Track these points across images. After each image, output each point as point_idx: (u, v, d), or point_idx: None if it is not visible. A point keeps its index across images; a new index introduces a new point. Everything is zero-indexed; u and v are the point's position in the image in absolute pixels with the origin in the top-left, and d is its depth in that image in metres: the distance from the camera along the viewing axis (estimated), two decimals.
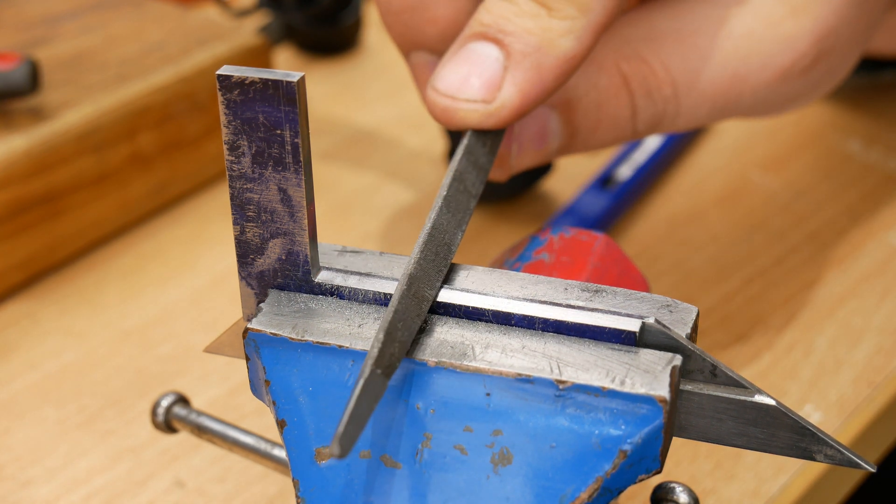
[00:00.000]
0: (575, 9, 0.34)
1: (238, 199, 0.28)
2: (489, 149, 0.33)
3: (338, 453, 0.23)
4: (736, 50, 0.38)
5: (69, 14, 0.58)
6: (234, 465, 0.40)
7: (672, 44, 0.38)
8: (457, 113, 0.33)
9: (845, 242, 0.50)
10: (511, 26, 0.34)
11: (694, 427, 0.27)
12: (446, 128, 0.35)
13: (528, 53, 0.33)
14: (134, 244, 0.52)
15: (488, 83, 0.33)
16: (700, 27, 0.38)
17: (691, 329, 0.28)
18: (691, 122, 0.39)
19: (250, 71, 0.27)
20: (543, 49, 0.33)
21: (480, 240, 0.51)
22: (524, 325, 0.28)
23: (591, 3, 0.34)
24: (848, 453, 0.26)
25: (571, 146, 0.39)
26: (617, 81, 0.37)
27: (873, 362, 0.43)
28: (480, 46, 0.34)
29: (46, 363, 0.45)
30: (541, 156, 0.39)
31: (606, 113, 0.38)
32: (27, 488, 0.39)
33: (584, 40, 0.34)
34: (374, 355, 0.25)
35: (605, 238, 0.34)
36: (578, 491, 0.26)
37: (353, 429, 0.24)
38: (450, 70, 0.34)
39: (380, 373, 0.25)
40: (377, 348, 0.25)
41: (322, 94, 0.64)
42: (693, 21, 0.38)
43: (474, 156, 0.33)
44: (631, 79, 0.37)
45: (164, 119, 0.52)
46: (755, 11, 0.38)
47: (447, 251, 0.29)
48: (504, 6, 0.34)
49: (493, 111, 0.33)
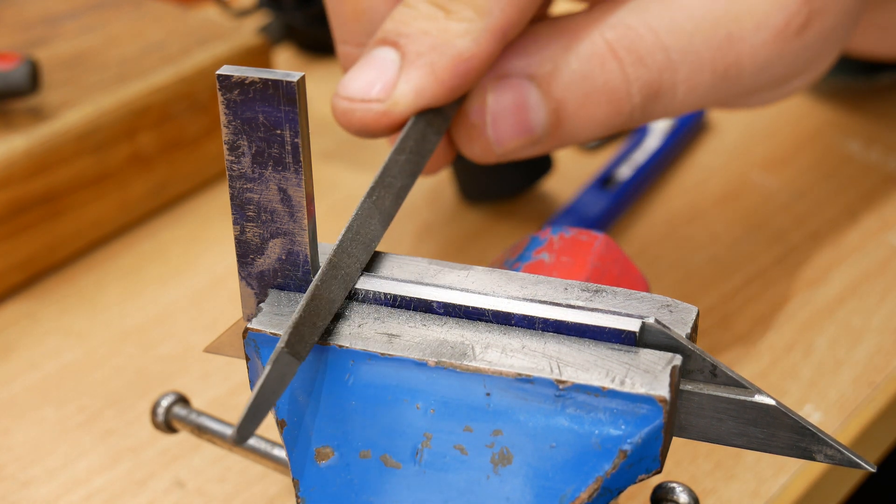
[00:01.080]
0: (473, 12, 0.35)
1: (238, 199, 0.28)
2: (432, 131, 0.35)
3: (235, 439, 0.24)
4: (727, 11, 0.37)
5: (69, 14, 0.58)
6: (234, 465, 0.40)
7: (657, 7, 0.37)
8: (354, 114, 0.35)
9: (845, 242, 0.50)
10: (408, 29, 0.35)
11: (694, 427, 0.27)
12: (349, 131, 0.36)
13: (422, 53, 0.35)
14: (134, 244, 0.52)
15: (385, 84, 0.35)
16: None
17: (691, 329, 0.28)
18: (693, 94, 0.38)
19: (250, 71, 0.27)
20: (438, 49, 0.35)
21: (480, 240, 0.51)
22: (524, 325, 0.28)
23: (490, 7, 0.35)
24: (848, 453, 0.26)
25: (561, 127, 0.38)
26: (601, 49, 0.37)
27: (873, 362, 0.43)
28: (381, 52, 0.35)
29: (46, 363, 0.45)
30: (528, 140, 0.38)
31: (595, 84, 0.37)
32: (27, 488, 0.39)
33: (482, 42, 0.35)
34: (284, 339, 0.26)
35: (605, 238, 0.34)
36: (578, 491, 0.26)
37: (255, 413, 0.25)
38: (353, 75, 0.35)
39: (287, 351, 0.26)
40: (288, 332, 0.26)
41: (322, 94, 0.63)
42: None
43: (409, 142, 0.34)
44: (616, 45, 0.37)
45: (164, 119, 0.52)
46: None
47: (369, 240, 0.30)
48: (404, 11, 0.35)
49: (386, 109, 0.34)
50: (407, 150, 0.33)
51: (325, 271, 0.28)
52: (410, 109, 0.35)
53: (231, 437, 0.24)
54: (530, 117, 0.37)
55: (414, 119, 0.35)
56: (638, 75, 0.37)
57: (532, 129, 0.37)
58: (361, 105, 0.35)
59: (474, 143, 0.38)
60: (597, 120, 0.38)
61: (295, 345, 0.26)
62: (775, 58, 0.38)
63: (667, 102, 0.38)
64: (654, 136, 0.55)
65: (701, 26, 0.37)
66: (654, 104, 0.38)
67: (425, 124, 0.35)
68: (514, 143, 0.38)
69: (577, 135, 0.38)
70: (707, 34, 0.37)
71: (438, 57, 0.34)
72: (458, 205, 0.54)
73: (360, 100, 0.35)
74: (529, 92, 0.37)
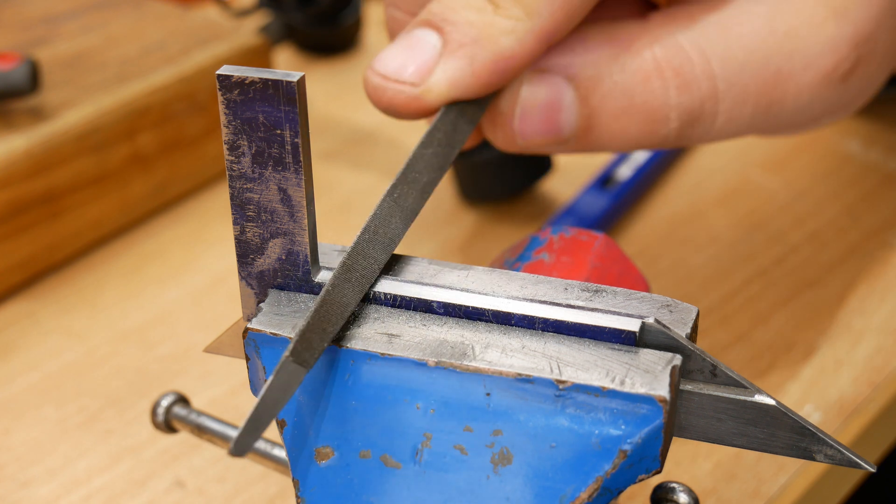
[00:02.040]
0: (521, 10, 0.34)
1: (238, 199, 0.28)
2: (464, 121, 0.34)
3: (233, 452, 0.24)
4: (780, 46, 0.36)
5: (69, 14, 0.58)
6: (234, 465, 0.40)
7: (715, 33, 0.36)
8: (385, 93, 0.34)
9: (845, 242, 0.50)
10: (455, 16, 0.34)
11: (694, 427, 0.27)
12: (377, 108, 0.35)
13: (464, 44, 0.34)
14: (134, 244, 0.52)
15: (421, 68, 0.34)
16: (744, 20, 0.36)
17: (691, 329, 0.27)
18: (731, 124, 0.37)
19: (250, 71, 0.27)
20: (481, 43, 0.34)
21: (480, 240, 0.51)
22: (524, 325, 0.28)
23: (539, 8, 0.34)
24: (848, 453, 0.26)
25: (589, 134, 0.37)
26: (648, 66, 0.36)
27: (873, 362, 0.43)
28: (423, 33, 0.34)
29: (46, 363, 0.45)
30: (553, 139, 0.37)
31: (634, 100, 0.36)
32: (27, 488, 0.39)
33: (526, 43, 0.34)
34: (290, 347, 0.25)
35: (604, 238, 0.34)
36: (578, 491, 0.26)
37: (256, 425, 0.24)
38: (390, 53, 0.35)
39: (292, 360, 0.25)
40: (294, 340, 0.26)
41: (322, 94, 0.64)
42: (737, 14, 0.36)
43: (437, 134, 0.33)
44: (664, 65, 0.36)
45: (164, 119, 0.52)
46: (797, 11, 0.37)
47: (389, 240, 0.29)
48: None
49: (419, 94, 0.34)
50: (434, 143, 0.32)
51: (338, 274, 0.27)
52: (442, 99, 0.34)
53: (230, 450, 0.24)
54: (561, 118, 0.36)
55: (445, 109, 0.34)
56: (680, 100, 0.36)
57: (560, 130, 0.37)
58: (394, 85, 0.34)
59: (498, 130, 0.37)
60: (628, 136, 0.37)
61: (302, 353, 0.25)
62: (817, 99, 0.38)
63: (702, 131, 0.37)
64: None
65: (752, 59, 0.36)
66: (690, 130, 0.37)
67: (457, 115, 0.34)
68: (539, 140, 0.37)
69: (605, 145, 0.37)
70: (757, 68, 0.36)
71: (480, 51, 0.34)
72: (458, 205, 0.54)
73: (394, 79, 0.34)
74: (565, 92, 0.36)
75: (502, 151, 0.38)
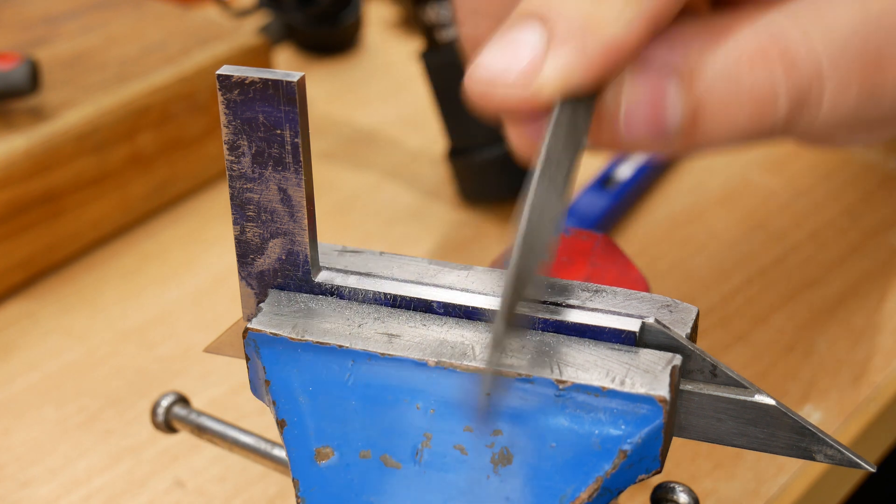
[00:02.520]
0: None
1: (238, 198, 0.28)
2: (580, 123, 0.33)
3: None
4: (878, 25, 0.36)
5: (69, 14, 0.58)
6: (234, 465, 0.40)
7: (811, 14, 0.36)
8: (494, 97, 0.33)
9: (845, 242, 0.50)
10: (559, 6, 0.33)
11: (694, 427, 0.27)
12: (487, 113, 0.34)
13: (574, 34, 0.32)
14: (134, 244, 0.52)
15: (529, 66, 0.32)
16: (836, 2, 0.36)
17: (691, 329, 0.27)
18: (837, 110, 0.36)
19: (250, 71, 0.27)
20: (590, 31, 0.33)
21: (480, 240, 0.51)
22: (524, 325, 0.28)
23: None
24: (848, 453, 0.26)
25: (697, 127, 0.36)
26: (752, 49, 0.35)
27: (873, 362, 0.43)
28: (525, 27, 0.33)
29: (46, 363, 0.45)
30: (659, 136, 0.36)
31: (741, 86, 0.35)
32: (27, 488, 0.39)
33: (634, 30, 0.33)
34: None
35: (604, 238, 0.34)
36: (578, 491, 0.26)
37: None
38: (491, 52, 0.33)
39: None
40: None
41: (322, 94, 0.64)
42: None
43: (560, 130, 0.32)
44: (769, 48, 0.35)
45: (164, 119, 0.52)
46: None
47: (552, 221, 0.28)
48: None
49: (532, 92, 0.32)
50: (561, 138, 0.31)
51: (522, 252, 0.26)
52: (556, 94, 0.32)
53: None
54: (666, 112, 0.35)
55: (560, 107, 0.32)
56: (787, 82, 0.35)
57: (665, 125, 0.36)
58: (503, 87, 0.32)
59: (604, 130, 0.36)
60: (737, 125, 0.36)
61: None
62: None
63: (810, 117, 0.36)
64: None
65: (852, 39, 0.36)
66: (798, 116, 0.36)
67: (572, 111, 0.32)
68: (645, 136, 0.36)
69: (713, 139, 0.36)
70: (858, 48, 0.36)
71: (589, 40, 0.32)
72: (458, 205, 0.54)
73: (502, 82, 0.32)
74: (669, 85, 0.35)
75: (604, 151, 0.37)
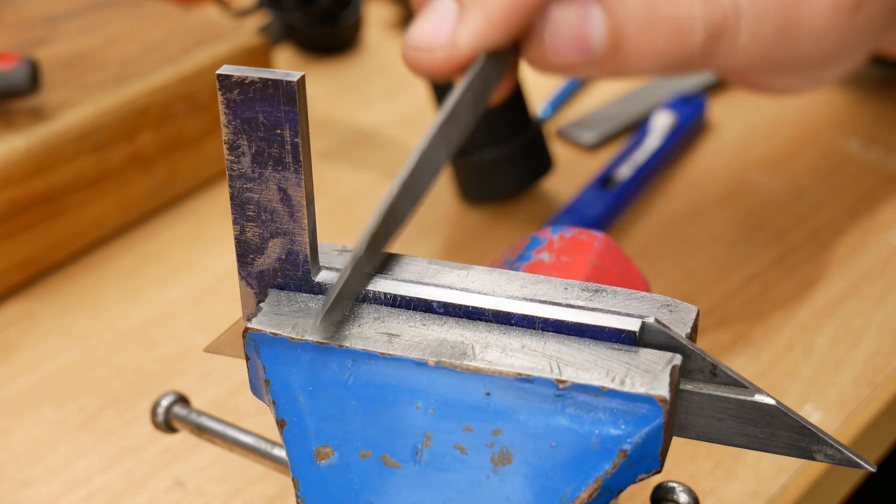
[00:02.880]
0: None
1: (238, 198, 0.28)
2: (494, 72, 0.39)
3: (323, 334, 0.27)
4: None
5: (69, 14, 0.58)
6: (234, 465, 0.40)
7: None
8: (422, 62, 0.39)
9: (845, 242, 0.50)
10: None
11: (694, 427, 0.27)
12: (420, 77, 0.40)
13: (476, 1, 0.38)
14: (134, 244, 0.52)
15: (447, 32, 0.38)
16: None
17: (691, 329, 0.27)
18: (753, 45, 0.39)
19: (250, 71, 0.27)
20: None
21: (480, 240, 0.51)
22: (524, 325, 0.28)
23: None
24: (848, 453, 0.26)
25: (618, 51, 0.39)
26: None
27: (873, 362, 0.43)
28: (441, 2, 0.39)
29: (46, 363, 0.45)
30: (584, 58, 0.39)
31: (660, 13, 0.38)
32: (27, 488, 0.39)
33: None
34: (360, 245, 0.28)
35: (605, 238, 0.34)
36: (578, 490, 0.26)
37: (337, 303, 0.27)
38: (417, 26, 0.39)
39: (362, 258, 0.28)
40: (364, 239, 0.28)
41: (322, 94, 0.64)
42: None
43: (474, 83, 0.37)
44: None
45: (164, 119, 0.52)
46: None
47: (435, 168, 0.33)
48: None
49: (450, 56, 0.38)
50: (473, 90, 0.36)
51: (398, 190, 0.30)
52: (470, 51, 0.38)
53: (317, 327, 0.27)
54: (589, 34, 0.39)
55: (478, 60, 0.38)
56: (703, 12, 0.39)
57: (590, 47, 0.39)
58: (427, 52, 0.38)
59: (532, 48, 0.40)
60: (656, 50, 0.39)
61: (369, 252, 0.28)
62: (829, 30, 0.40)
63: (728, 48, 0.40)
64: (654, 135, 0.55)
65: None
66: (715, 46, 0.39)
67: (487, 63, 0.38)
68: (570, 57, 0.40)
69: (635, 63, 0.40)
70: None
71: (490, 3, 0.37)
72: (458, 205, 0.54)
73: (427, 48, 0.38)
74: (592, 10, 0.39)
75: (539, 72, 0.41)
